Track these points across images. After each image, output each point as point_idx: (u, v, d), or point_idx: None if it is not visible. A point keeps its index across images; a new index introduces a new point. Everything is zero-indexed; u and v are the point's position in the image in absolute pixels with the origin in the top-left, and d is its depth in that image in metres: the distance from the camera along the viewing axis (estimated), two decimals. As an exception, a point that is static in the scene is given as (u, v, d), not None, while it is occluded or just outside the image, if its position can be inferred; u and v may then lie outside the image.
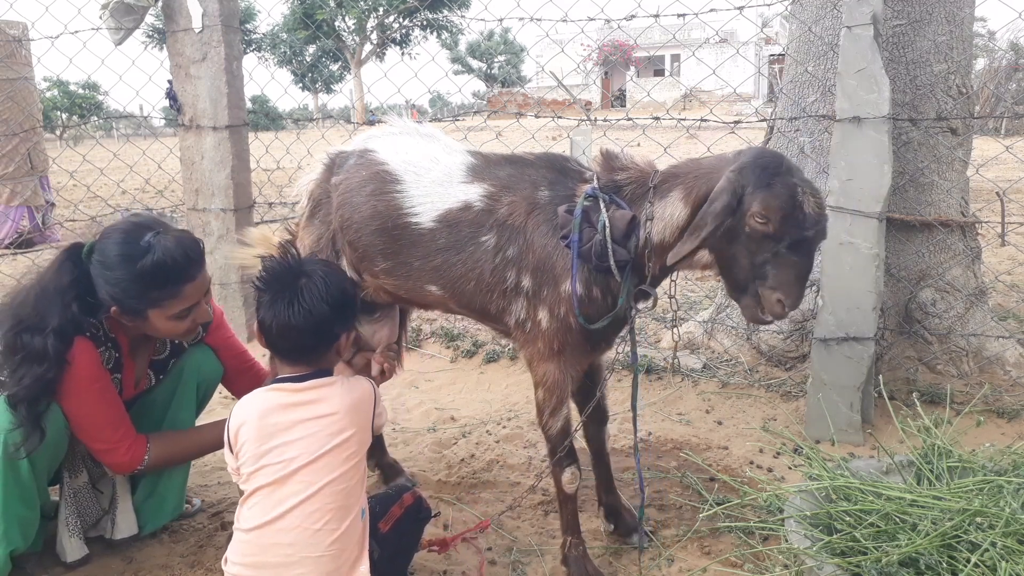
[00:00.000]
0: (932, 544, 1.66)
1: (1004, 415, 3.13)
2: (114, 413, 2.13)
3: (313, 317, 1.76)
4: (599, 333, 2.03)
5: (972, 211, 3.64)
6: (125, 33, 4.22)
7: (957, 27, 3.34)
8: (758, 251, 1.79)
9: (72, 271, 2.03)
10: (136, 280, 1.98)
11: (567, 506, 2.15)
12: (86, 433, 2.11)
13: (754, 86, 31.49)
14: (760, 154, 1.84)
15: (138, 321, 2.07)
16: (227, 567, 1.72)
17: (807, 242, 1.78)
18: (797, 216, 1.74)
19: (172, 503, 2.40)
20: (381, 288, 2.31)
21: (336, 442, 1.73)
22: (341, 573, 1.69)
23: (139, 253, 1.98)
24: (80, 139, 19.41)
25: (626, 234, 1.93)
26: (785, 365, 3.70)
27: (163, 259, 1.98)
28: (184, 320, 2.10)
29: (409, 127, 2.36)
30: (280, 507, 1.67)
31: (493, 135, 5.44)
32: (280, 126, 18.80)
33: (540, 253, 2.01)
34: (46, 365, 1.95)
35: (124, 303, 2.01)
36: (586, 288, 1.97)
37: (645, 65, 46.63)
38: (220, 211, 4.33)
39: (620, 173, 2.01)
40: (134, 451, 2.15)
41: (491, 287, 2.08)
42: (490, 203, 2.08)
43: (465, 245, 2.09)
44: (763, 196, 1.74)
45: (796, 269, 1.78)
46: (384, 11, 37.43)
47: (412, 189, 2.16)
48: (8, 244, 7.33)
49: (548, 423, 2.09)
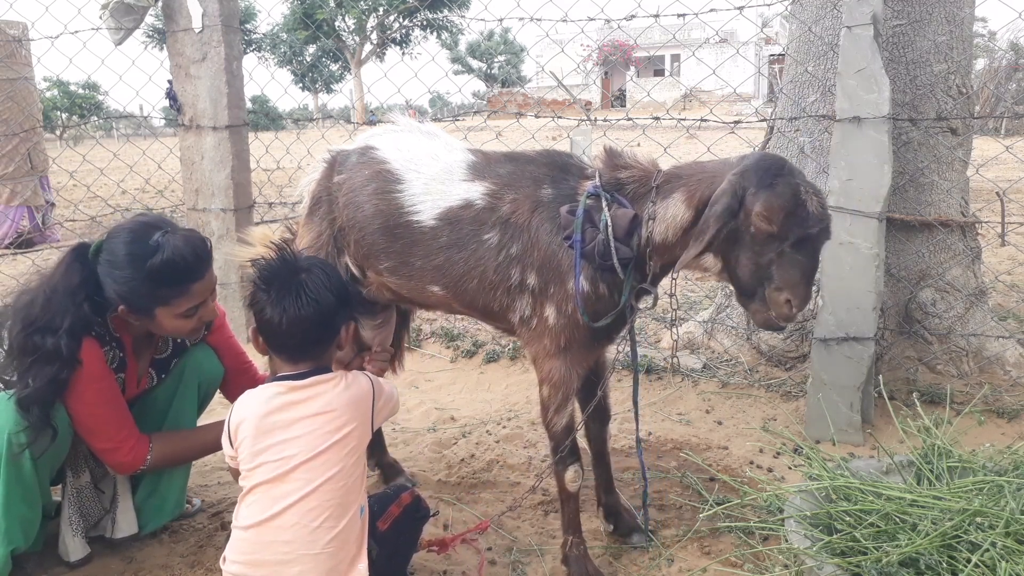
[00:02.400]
0: (932, 544, 1.66)
1: (1004, 415, 3.13)
2: (118, 413, 2.13)
3: (321, 307, 1.77)
4: (603, 330, 2.03)
5: (972, 211, 3.64)
6: (125, 33, 4.22)
7: (957, 27, 3.34)
8: (763, 252, 1.79)
9: (81, 271, 2.03)
10: (145, 279, 1.99)
11: (569, 505, 2.14)
12: (90, 432, 2.11)
13: (754, 86, 31.50)
14: (762, 157, 1.85)
15: (145, 320, 2.07)
16: (225, 565, 1.72)
17: (811, 240, 1.78)
18: (800, 214, 1.74)
19: (173, 503, 2.40)
20: (385, 286, 2.31)
21: (336, 439, 1.73)
22: (339, 571, 1.68)
23: (148, 252, 1.98)
24: (80, 139, 19.41)
25: (628, 232, 1.93)
26: (785, 365, 3.70)
27: (172, 258, 1.98)
28: (191, 319, 2.11)
29: (411, 125, 2.36)
30: (278, 504, 1.67)
31: (493, 135, 5.44)
32: (280, 126, 18.80)
33: (545, 250, 2.01)
34: (58, 365, 1.96)
35: (133, 302, 2.02)
36: (592, 285, 1.97)
37: (645, 65, 46.62)
38: (220, 211, 4.33)
39: (623, 171, 2.01)
40: (137, 451, 2.15)
41: (495, 285, 2.08)
42: (492, 201, 2.08)
43: (467, 243, 2.09)
44: (766, 196, 1.75)
45: (802, 268, 1.78)
46: (384, 11, 37.44)
47: (413, 187, 2.16)
48: (8, 244, 7.33)
49: (552, 420, 2.09)
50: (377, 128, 2.43)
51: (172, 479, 2.38)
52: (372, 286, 2.35)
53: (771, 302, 1.81)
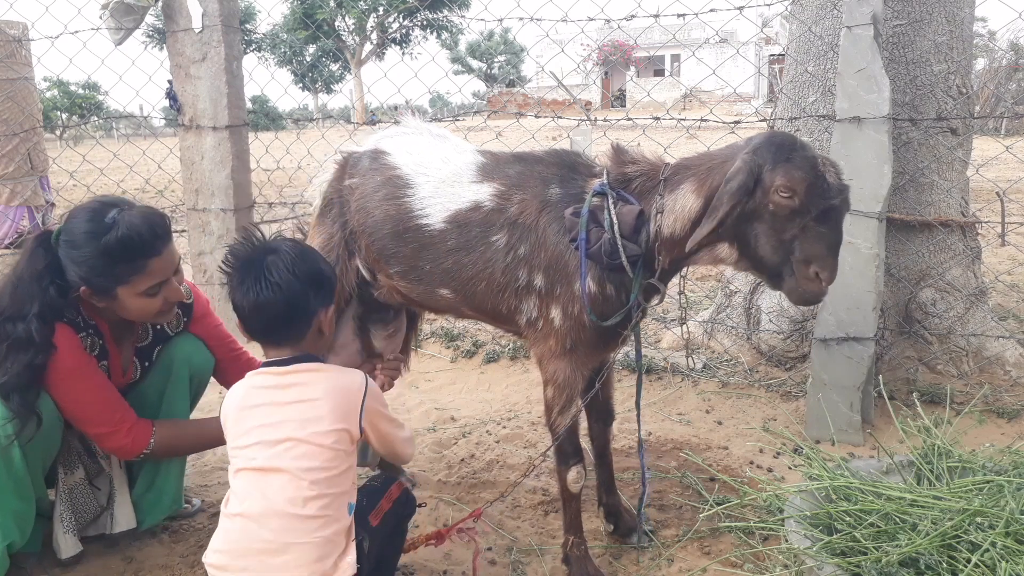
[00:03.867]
0: (932, 544, 1.66)
1: (1004, 415, 3.13)
2: (107, 395, 2.12)
3: (283, 291, 1.72)
4: (611, 330, 2.01)
5: (972, 211, 3.64)
6: (125, 33, 4.22)
7: (957, 27, 3.34)
8: (786, 228, 1.76)
9: (44, 256, 2.03)
10: (101, 255, 1.97)
11: (571, 505, 2.14)
12: (82, 419, 2.10)
13: (754, 86, 31.49)
14: (773, 134, 1.83)
15: (108, 300, 2.05)
16: (207, 556, 1.68)
17: (834, 211, 1.75)
18: (820, 185, 1.72)
19: (170, 497, 2.39)
20: (395, 290, 2.31)
21: (320, 428, 1.69)
22: (326, 564, 1.64)
23: (104, 229, 1.97)
24: (80, 139, 19.41)
25: (635, 229, 1.91)
26: (785, 365, 3.70)
27: (128, 234, 1.97)
28: (155, 298, 2.08)
29: (421, 127, 2.36)
30: (262, 491, 1.64)
31: (493, 135, 5.44)
32: (280, 126, 18.81)
33: (552, 251, 2.00)
34: (32, 351, 1.96)
35: (92, 281, 2.01)
36: (599, 286, 1.96)
37: (645, 65, 46.63)
38: (220, 211, 4.33)
39: (630, 166, 2.00)
40: (137, 433, 2.15)
41: (503, 287, 2.07)
42: (500, 202, 2.07)
43: (476, 245, 2.08)
44: (785, 169, 1.72)
45: (827, 242, 1.75)
46: (384, 11, 37.45)
47: (423, 191, 2.16)
48: (8, 244, 7.32)
49: (556, 421, 2.07)
50: (389, 130, 2.42)
51: (169, 473, 2.37)
52: (383, 289, 2.35)
53: (800, 277, 1.78)
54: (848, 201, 1.78)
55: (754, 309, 3.80)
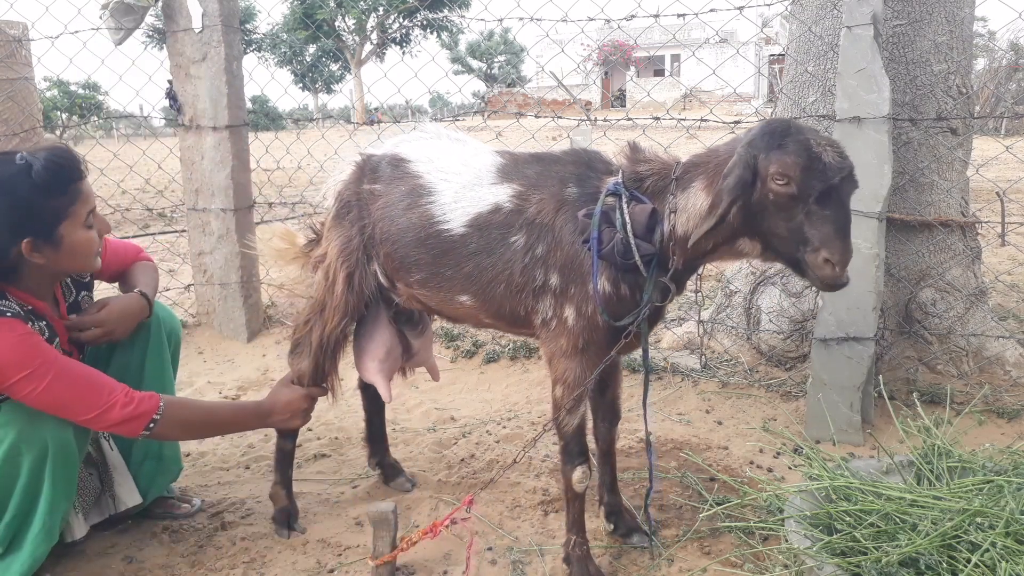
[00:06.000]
0: (932, 544, 1.66)
1: (1004, 415, 3.13)
2: (82, 373, 1.97)
3: None
4: (623, 332, 2.00)
5: (972, 211, 3.64)
6: (125, 33, 4.23)
7: (957, 27, 3.34)
8: (790, 216, 1.73)
9: None
10: (36, 191, 1.90)
11: (574, 505, 2.13)
12: (69, 409, 1.95)
13: (754, 86, 31.48)
14: (767, 123, 1.81)
15: (52, 247, 1.96)
16: None
17: (836, 191, 1.72)
18: (817, 167, 1.69)
19: (170, 460, 2.36)
20: (414, 298, 2.31)
21: None
22: None
23: (24, 169, 1.91)
24: (80, 139, 19.38)
25: (649, 228, 1.91)
26: (785, 365, 3.70)
27: (49, 162, 1.93)
28: (92, 230, 2.04)
29: (439, 131, 2.36)
30: None
31: (493, 135, 5.45)
32: (280, 126, 18.81)
33: (567, 251, 2.00)
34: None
35: (33, 228, 1.92)
36: (613, 286, 1.96)
37: (645, 65, 46.63)
38: (220, 211, 4.33)
39: (642, 165, 2.00)
40: (136, 403, 2.00)
41: (520, 287, 2.07)
42: (519, 203, 2.07)
43: (495, 247, 2.08)
44: (776, 156, 1.70)
45: (833, 223, 1.72)
46: (384, 11, 37.46)
47: (444, 197, 2.16)
48: (8, 244, 7.32)
49: (564, 421, 2.07)
50: (407, 135, 2.41)
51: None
52: (402, 297, 2.35)
53: (812, 266, 1.75)
54: (853, 178, 1.74)
55: (754, 309, 3.80)
